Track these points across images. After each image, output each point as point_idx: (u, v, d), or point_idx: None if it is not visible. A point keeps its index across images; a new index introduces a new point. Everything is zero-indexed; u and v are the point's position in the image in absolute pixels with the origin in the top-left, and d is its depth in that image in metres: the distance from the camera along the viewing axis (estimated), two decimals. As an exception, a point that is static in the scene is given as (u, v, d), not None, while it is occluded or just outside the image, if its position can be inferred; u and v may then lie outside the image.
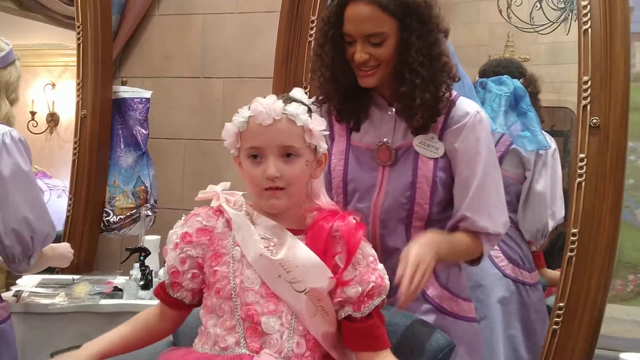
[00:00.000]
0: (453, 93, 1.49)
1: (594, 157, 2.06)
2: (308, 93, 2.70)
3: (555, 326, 2.03)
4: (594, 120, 2.05)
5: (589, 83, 2.08)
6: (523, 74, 2.48)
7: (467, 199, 1.45)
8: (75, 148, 2.92)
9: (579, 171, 2.05)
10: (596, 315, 2.00)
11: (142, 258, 2.36)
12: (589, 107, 2.07)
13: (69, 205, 2.91)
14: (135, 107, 2.94)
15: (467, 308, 1.56)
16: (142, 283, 2.31)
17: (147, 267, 2.35)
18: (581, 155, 2.05)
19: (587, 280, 2.00)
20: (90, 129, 2.88)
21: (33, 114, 4.12)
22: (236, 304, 1.17)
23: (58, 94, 4.16)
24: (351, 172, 1.52)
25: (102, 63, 2.90)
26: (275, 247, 1.19)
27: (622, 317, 2.63)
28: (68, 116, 3.98)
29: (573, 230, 2.03)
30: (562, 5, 2.67)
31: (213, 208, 1.26)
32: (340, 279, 1.18)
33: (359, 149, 1.53)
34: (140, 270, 2.34)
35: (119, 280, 2.48)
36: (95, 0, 2.84)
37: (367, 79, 1.44)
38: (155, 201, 2.98)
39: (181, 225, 1.26)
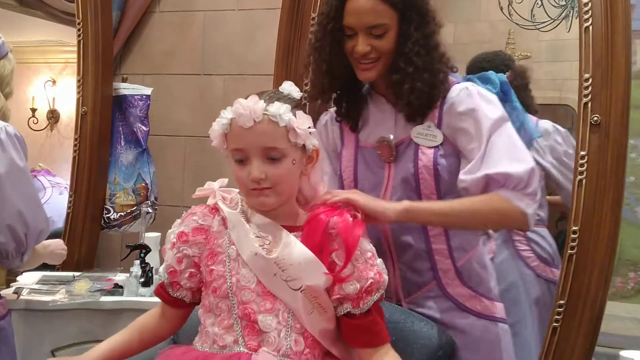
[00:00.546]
0: (452, 80, 1.49)
1: (595, 155, 2.05)
2: (308, 90, 2.67)
3: (555, 324, 2.03)
4: (595, 118, 2.05)
5: (590, 80, 2.08)
6: (509, 66, 2.44)
7: (481, 164, 1.40)
8: (75, 145, 2.92)
9: (579, 169, 2.04)
10: (596, 313, 2.00)
11: (142, 255, 2.36)
12: (589, 104, 2.07)
13: (70, 202, 2.91)
14: (136, 104, 2.94)
15: (492, 308, 1.52)
16: (142, 280, 2.32)
17: (147, 264, 2.35)
18: (582, 153, 2.04)
19: (588, 277, 2.00)
20: (91, 126, 2.88)
21: (33, 110, 4.11)
22: (233, 302, 1.18)
23: (58, 90, 4.15)
24: (360, 172, 1.54)
25: (103, 60, 2.90)
26: (270, 246, 1.18)
27: (623, 315, 2.63)
28: (68, 113, 3.97)
29: (574, 227, 2.02)
30: (563, 3, 2.67)
31: (209, 206, 1.26)
32: (338, 276, 1.18)
33: (366, 149, 1.54)
34: (141, 267, 2.34)
35: (120, 277, 2.48)
36: (95, -3, 2.84)
37: (367, 72, 1.45)
38: (156, 198, 2.98)
39: (178, 224, 1.26)
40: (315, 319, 1.18)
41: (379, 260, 1.24)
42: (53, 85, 4.14)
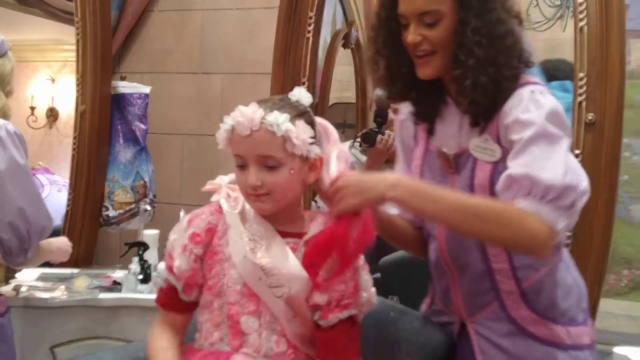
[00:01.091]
0: (526, 79, 1.26)
1: (589, 154, 2.07)
2: (306, 89, 2.71)
3: (550, 321, 2.04)
4: (590, 117, 2.06)
5: (585, 80, 2.09)
6: (569, 76, 2.27)
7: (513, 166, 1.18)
8: (74, 143, 2.93)
9: (574, 167, 2.05)
10: (590, 310, 2.02)
11: (141, 252, 2.37)
12: (584, 103, 2.08)
13: (69, 200, 2.92)
14: (134, 102, 2.95)
15: (561, 333, 1.28)
16: (141, 277, 2.33)
17: (145, 261, 2.36)
18: (576, 152, 2.05)
19: (582, 275, 2.02)
20: (90, 124, 2.89)
21: (32, 109, 4.12)
22: (223, 301, 1.19)
23: (57, 89, 4.17)
24: (425, 179, 1.36)
25: (102, 58, 2.91)
26: (261, 250, 1.18)
27: (616, 312, 2.64)
28: (67, 111, 3.99)
29: (568, 225, 2.04)
30: (559, 3, 2.68)
31: (216, 205, 1.25)
32: (315, 281, 1.16)
33: (433, 154, 1.37)
34: (139, 265, 2.35)
35: (118, 274, 2.49)
36: (94, -5, 2.85)
37: (423, 68, 1.28)
38: (154, 196, 2.99)
39: (184, 229, 1.23)
40: (295, 325, 1.19)
41: (365, 277, 1.21)
42: (52, 84, 4.15)
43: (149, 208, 2.89)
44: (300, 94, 1.23)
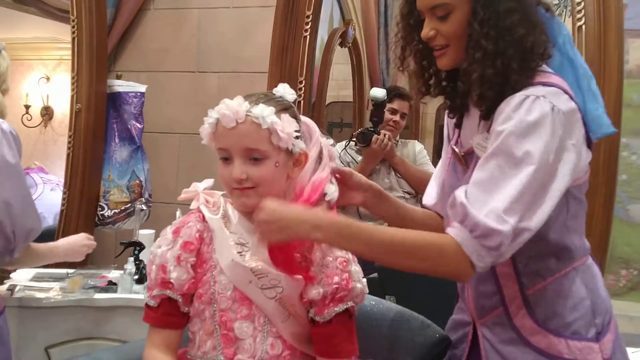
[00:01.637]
0: (541, 78, 1.19)
1: (587, 153, 2.06)
2: (303, 87, 2.70)
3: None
4: (588, 116, 2.06)
5: (583, 79, 2.08)
6: None
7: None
8: (69, 142, 2.92)
9: (572, 167, 2.05)
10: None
11: (136, 252, 2.36)
12: (582, 103, 2.08)
13: (63, 200, 2.91)
14: (130, 101, 2.94)
15: (563, 347, 1.22)
16: (136, 277, 2.32)
17: (141, 261, 2.35)
18: (575, 151, 2.05)
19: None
20: (85, 123, 2.88)
21: (27, 107, 4.10)
22: (214, 309, 1.18)
23: (52, 87, 4.14)
24: (449, 177, 1.35)
25: (97, 57, 2.90)
26: (249, 253, 1.17)
27: (615, 312, 2.63)
28: (62, 110, 3.97)
29: (566, 225, 2.03)
30: (557, 2, 2.68)
31: (198, 212, 1.23)
32: (308, 275, 1.16)
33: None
34: (135, 265, 2.34)
35: (114, 275, 2.48)
36: (90, -7, 2.84)
37: (440, 59, 1.27)
38: (150, 195, 2.98)
39: (171, 241, 1.21)
40: (289, 325, 1.18)
41: (355, 269, 1.20)
42: (47, 82, 4.13)
43: (144, 207, 2.88)
44: (285, 90, 1.24)
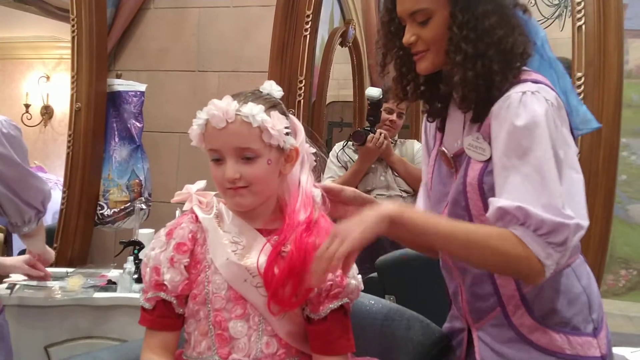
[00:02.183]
0: (527, 75, 1.22)
1: (587, 153, 2.06)
2: (303, 87, 2.70)
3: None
4: (587, 117, 2.06)
5: (583, 79, 2.09)
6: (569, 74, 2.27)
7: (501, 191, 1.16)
8: (69, 141, 2.92)
9: (572, 167, 2.05)
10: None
11: (136, 251, 2.36)
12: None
13: (63, 199, 2.91)
14: (130, 100, 2.94)
15: (564, 343, 1.23)
16: (136, 276, 2.32)
17: (141, 260, 2.34)
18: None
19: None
20: (85, 122, 2.88)
21: (27, 106, 4.09)
22: (209, 309, 1.18)
23: (52, 86, 4.14)
24: (434, 181, 1.36)
25: (97, 56, 2.90)
26: (243, 250, 1.17)
27: (614, 312, 2.64)
28: (62, 109, 3.96)
29: (566, 225, 2.03)
30: (557, 2, 2.68)
31: (191, 214, 1.23)
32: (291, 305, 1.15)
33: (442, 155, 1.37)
34: (134, 264, 2.34)
35: (113, 274, 2.48)
36: (90, -8, 2.84)
37: (419, 63, 1.27)
38: (150, 194, 2.98)
39: (164, 243, 1.21)
40: (285, 323, 1.18)
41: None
42: (47, 81, 4.12)
43: (144, 207, 2.88)
44: (272, 87, 1.24)
